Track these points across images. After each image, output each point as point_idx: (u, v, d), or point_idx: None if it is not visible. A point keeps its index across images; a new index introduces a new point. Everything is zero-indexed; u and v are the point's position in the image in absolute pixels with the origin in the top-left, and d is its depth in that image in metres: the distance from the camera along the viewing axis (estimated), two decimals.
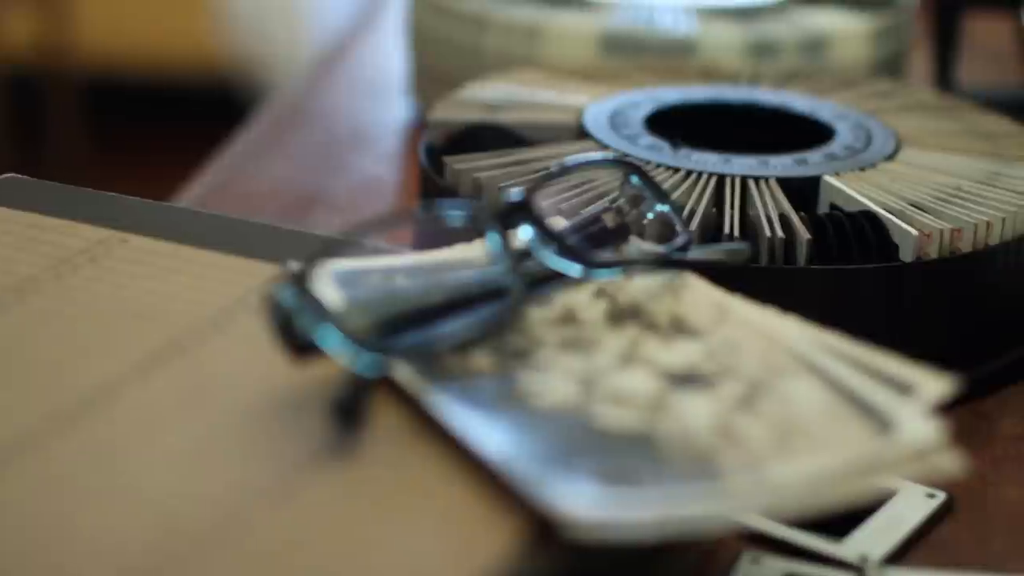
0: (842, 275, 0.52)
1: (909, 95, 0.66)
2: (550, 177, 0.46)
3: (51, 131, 2.04)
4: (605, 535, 0.34)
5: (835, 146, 0.59)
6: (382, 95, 0.79)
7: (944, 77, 0.78)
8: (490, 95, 0.63)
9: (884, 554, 0.46)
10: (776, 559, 0.45)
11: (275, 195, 0.71)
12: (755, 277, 0.51)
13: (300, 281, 0.39)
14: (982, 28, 0.80)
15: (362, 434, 0.38)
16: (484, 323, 0.41)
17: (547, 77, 0.66)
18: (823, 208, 0.55)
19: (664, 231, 0.48)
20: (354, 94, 0.84)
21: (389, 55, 0.87)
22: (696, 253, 0.47)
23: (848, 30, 0.73)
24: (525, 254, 0.43)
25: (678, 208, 0.48)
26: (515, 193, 0.43)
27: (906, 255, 0.52)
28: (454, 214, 0.42)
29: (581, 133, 0.59)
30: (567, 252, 0.43)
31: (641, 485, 0.35)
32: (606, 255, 0.45)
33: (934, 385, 0.40)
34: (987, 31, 0.80)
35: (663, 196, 0.48)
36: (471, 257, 0.44)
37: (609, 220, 0.48)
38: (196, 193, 0.71)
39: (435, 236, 0.46)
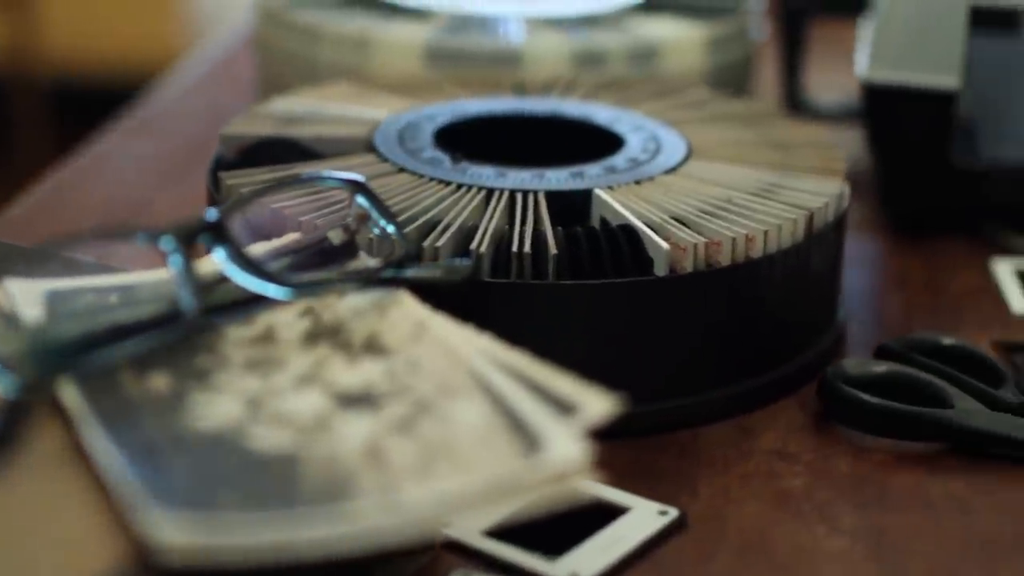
0: (591, 290, 0.52)
1: (720, 105, 0.66)
2: (246, 199, 0.46)
3: (18, 134, 2.06)
4: (197, 560, 0.34)
5: (619, 158, 0.59)
6: (233, 106, 0.79)
7: (791, 83, 0.78)
8: (289, 108, 0.63)
9: (596, 572, 0.45)
10: None
11: (107, 206, 0.71)
12: (506, 292, 0.51)
13: None
14: (844, 32, 0.80)
15: (11, 457, 0.38)
16: (148, 346, 0.41)
17: (359, 89, 0.66)
18: (596, 221, 0.55)
19: (391, 248, 0.48)
20: (206, 104, 0.85)
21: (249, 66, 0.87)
22: (415, 271, 0.47)
23: (681, 39, 0.73)
24: (222, 277, 0.44)
25: (399, 226, 0.48)
26: (209, 215, 0.43)
27: (660, 269, 0.52)
28: (141, 236, 0.43)
29: (369, 147, 0.59)
30: (259, 273, 0.43)
31: (232, 510, 0.35)
32: (305, 276, 0.45)
33: (598, 405, 0.40)
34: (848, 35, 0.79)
35: (387, 214, 0.48)
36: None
37: (335, 237, 0.48)
38: (33, 201, 0.71)
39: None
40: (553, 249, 0.52)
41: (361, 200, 0.48)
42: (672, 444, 0.53)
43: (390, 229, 0.48)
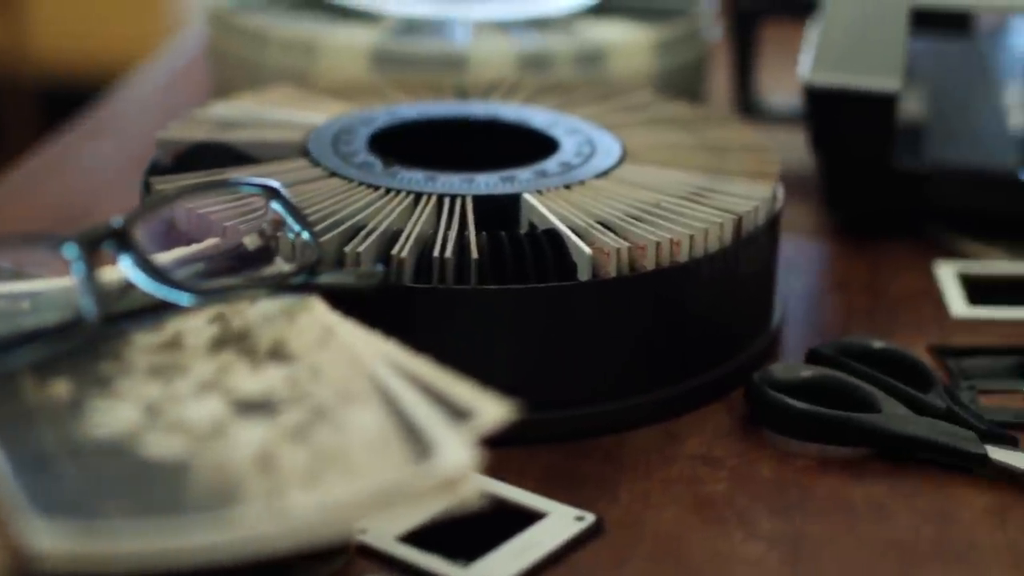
0: (513, 295, 0.51)
1: (662, 108, 0.65)
2: (151, 205, 0.46)
3: (6, 135, 2.06)
4: (77, 568, 0.34)
5: (551, 162, 0.59)
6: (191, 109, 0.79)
7: (743, 85, 0.77)
8: (228, 113, 0.63)
9: None
10: None
11: (54, 211, 0.71)
12: (428, 297, 0.51)
13: None
14: (798, 34, 0.80)
15: None
16: (46, 353, 0.41)
17: (301, 94, 0.66)
18: (524, 226, 0.55)
19: (307, 254, 0.48)
20: (165, 107, 0.85)
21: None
22: (327, 277, 0.47)
23: (628, 42, 0.73)
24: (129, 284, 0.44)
25: (312, 231, 0.48)
26: (114, 222, 0.43)
27: (583, 274, 0.52)
28: (44, 244, 0.43)
29: (303, 152, 0.59)
30: (164, 280, 0.43)
31: (116, 518, 0.35)
32: (216, 282, 0.45)
33: (492, 412, 0.40)
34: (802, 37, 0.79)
35: (301, 219, 0.48)
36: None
37: (251, 243, 0.48)
38: None
39: None
40: (475, 254, 0.51)
41: (275, 206, 0.48)
42: (597, 449, 0.53)
43: (304, 235, 0.48)
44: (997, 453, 0.51)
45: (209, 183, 0.52)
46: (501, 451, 0.52)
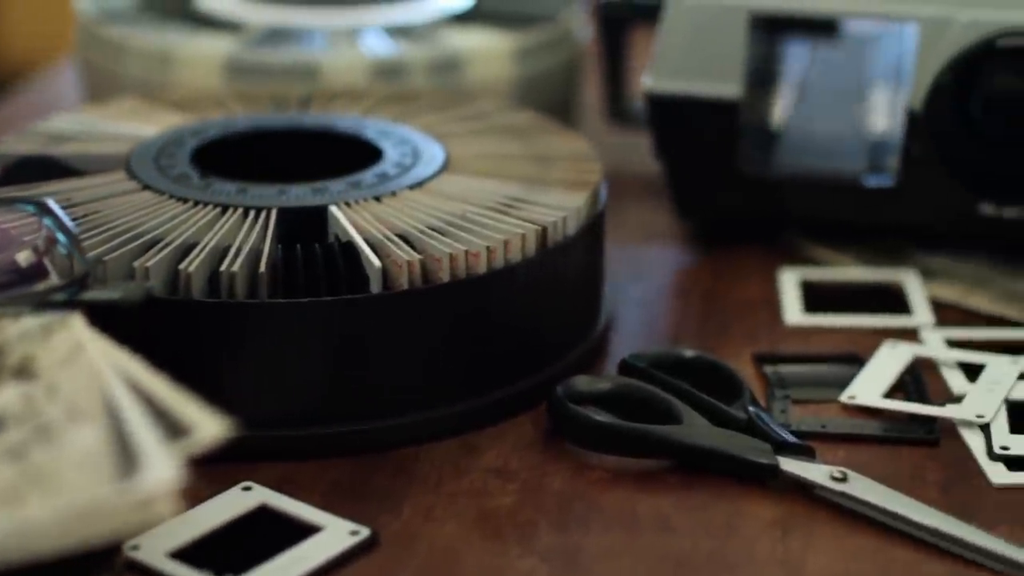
0: (302, 308, 0.51)
1: (503, 117, 0.65)
2: None
3: None
4: None
5: (368, 173, 0.58)
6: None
7: (613, 92, 0.77)
8: (64, 126, 0.63)
9: None
10: None
11: None
12: (217, 312, 0.51)
13: None
14: None
15: None
16: None
17: (143, 105, 0.66)
18: (332, 239, 0.55)
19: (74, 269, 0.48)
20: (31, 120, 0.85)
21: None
22: (90, 293, 0.47)
23: (485, 49, 0.73)
24: None
25: (79, 247, 0.48)
26: None
27: (374, 287, 0.52)
28: None
29: (126, 164, 0.59)
30: None
31: None
32: None
33: (210, 429, 0.40)
34: None
35: (69, 235, 0.48)
36: None
37: (24, 259, 0.48)
38: None
39: None
40: (263, 268, 0.51)
41: (47, 222, 0.48)
42: (391, 462, 0.53)
43: (74, 251, 0.48)
44: (790, 465, 0.51)
45: None
46: (293, 464, 0.52)
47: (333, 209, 0.55)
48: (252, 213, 0.55)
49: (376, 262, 0.52)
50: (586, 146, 0.62)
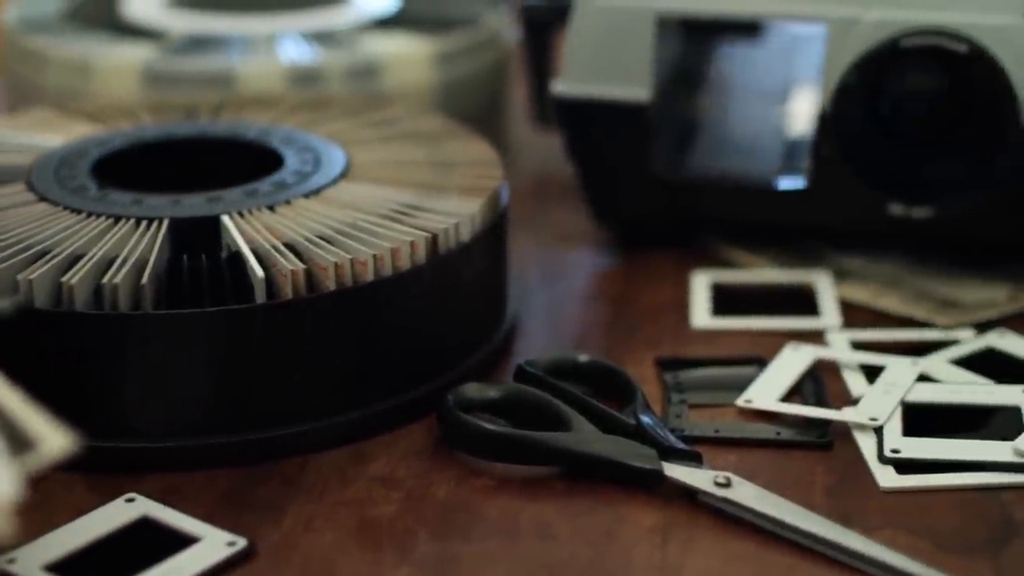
0: (184, 320, 0.51)
1: (412, 123, 0.65)
2: None
3: None
4: None
5: (264, 182, 0.58)
6: None
7: (538, 96, 0.77)
8: None
9: None
10: None
11: None
12: (100, 324, 0.51)
13: None
14: None
15: None
16: None
17: (54, 116, 0.66)
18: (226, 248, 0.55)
19: None
20: None
21: None
22: None
23: (405, 55, 0.73)
24: None
25: None
26: None
27: (258, 296, 0.52)
28: None
29: (27, 176, 0.59)
30: None
31: None
32: None
33: (56, 443, 0.40)
34: None
35: None
36: None
37: None
38: None
39: None
40: (145, 279, 0.51)
41: None
42: (278, 472, 0.53)
43: None
44: (675, 470, 0.51)
45: None
46: (181, 475, 0.52)
47: (225, 219, 0.55)
48: (144, 224, 0.55)
49: (259, 272, 0.52)
50: (490, 151, 0.62)
